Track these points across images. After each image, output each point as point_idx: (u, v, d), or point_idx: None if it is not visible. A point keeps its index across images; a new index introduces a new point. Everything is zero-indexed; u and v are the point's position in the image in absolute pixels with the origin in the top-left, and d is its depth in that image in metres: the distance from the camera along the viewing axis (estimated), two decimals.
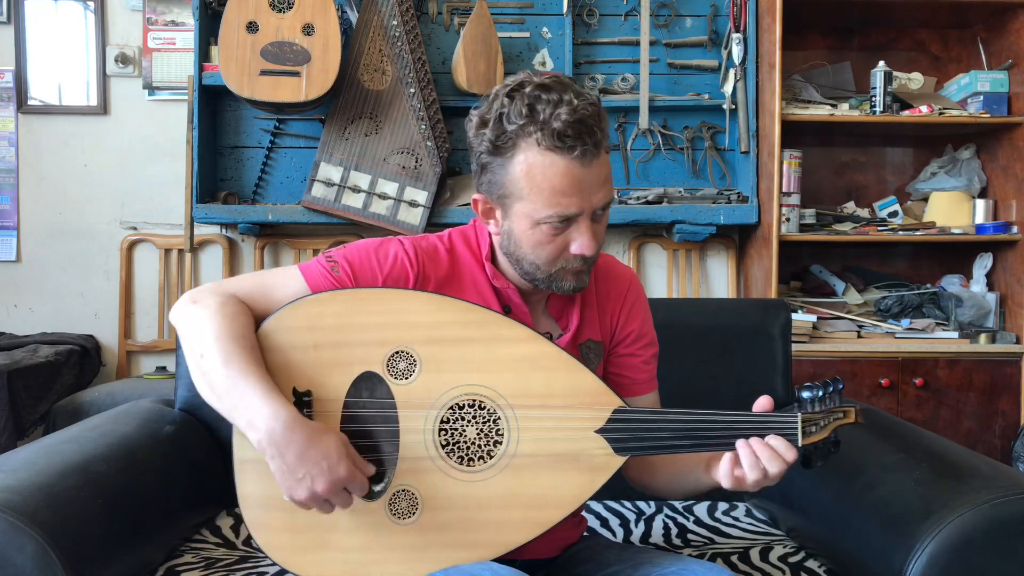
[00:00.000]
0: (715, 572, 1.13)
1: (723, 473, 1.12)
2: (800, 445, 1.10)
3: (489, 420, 1.14)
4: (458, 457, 1.14)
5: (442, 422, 1.14)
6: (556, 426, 1.13)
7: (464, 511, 1.13)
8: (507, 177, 1.13)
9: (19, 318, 3.21)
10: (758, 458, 1.09)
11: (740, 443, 1.11)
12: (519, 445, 1.13)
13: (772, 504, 1.71)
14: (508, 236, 1.19)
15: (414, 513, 1.13)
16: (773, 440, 1.10)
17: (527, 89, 1.11)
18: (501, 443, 1.14)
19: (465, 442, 1.14)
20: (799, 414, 1.10)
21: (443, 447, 1.14)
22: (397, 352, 1.15)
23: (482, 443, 1.14)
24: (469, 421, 1.14)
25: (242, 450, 1.15)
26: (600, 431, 1.13)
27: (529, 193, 1.12)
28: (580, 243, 1.15)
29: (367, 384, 1.15)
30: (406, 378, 1.14)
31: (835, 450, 1.12)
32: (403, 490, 1.14)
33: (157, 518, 1.45)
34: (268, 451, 1.06)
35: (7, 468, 1.27)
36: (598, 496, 1.82)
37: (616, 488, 1.84)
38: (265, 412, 1.06)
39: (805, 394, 1.12)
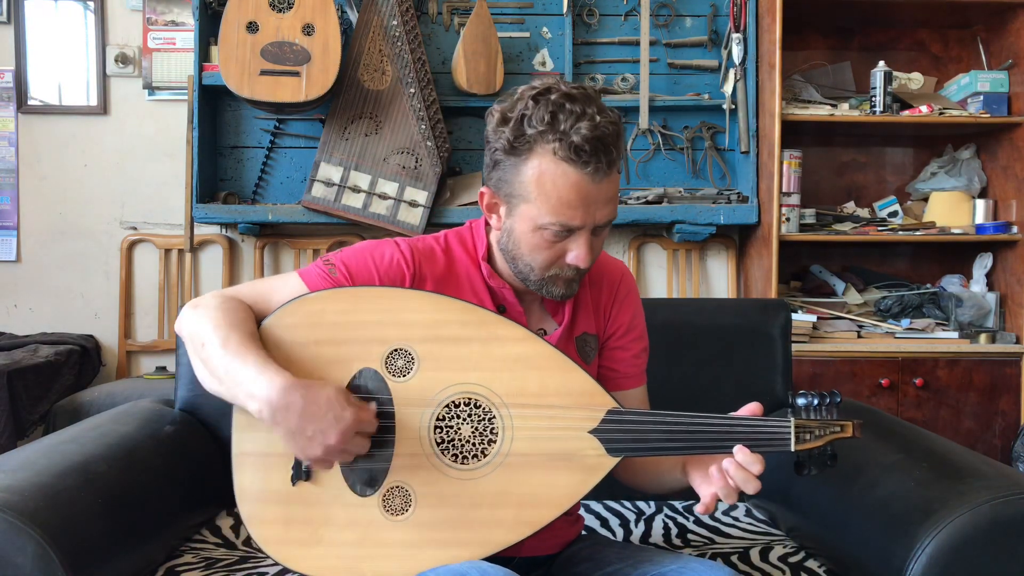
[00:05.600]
0: (715, 570, 1.13)
1: (705, 503, 1.12)
2: (792, 451, 1.10)
3: (484, 419, 1.14)
4: (452, 455, 1.14)
5: (438, 419, 1.15)
6: (550, 425, 1.14)
7: (457, 509, 1.13)
8: (518, 178, 1.15)
9: (19, 318, 3.21)
10: (731, 483, 1.09)
11: (713, 470, 1.11)
12: (513, 444, 1.14)
13: (772, 504, 1.71)
14: (508, 234, 1.21)
15: (407, 510, 1.14)
16: (741, 455, 1.09)
17: (553, 96, 1.12)
18: (495, 442, 1.14)
19: (460, 440, 1.14)
20: (792, 420, 1.11)
21: (438, 444, 1.14)
22: (396, 350, 1.15)
23: (477, 441, 1.14)
24: (464, 419, 1.15)
25: (240, 444, 1.17)
26: (594, 432, 1.14)
27: (537, 198, 1.13)
28: (577, 254, 1.17)
29: (365, 380, 1.16)
30: (404, 375, 1.15)
31: (832, 463, 1.12)
32: (397, 486, 1.14)
33: (157, 518, 1.45)
34: (271, 418, 1.07)
35: (7, 468, 1.27)
36: (597, 496, 1.83)
37: (616, 488, 1.85)
38: (262, 381, 1.07)
39: (800, 401, 1.13)
